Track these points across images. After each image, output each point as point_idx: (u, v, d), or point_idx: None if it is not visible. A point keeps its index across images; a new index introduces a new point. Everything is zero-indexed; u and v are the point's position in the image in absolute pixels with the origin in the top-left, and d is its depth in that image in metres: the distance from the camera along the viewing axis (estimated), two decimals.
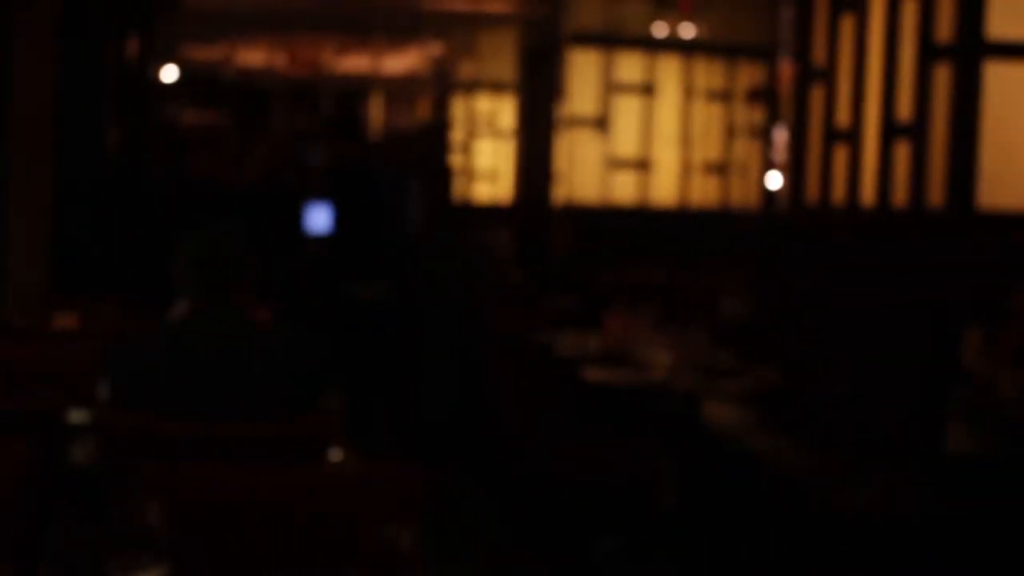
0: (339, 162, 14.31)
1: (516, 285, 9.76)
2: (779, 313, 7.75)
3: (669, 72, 15.25)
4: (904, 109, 6.88)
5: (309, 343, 3.74)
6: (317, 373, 3.73)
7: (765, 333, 7.72)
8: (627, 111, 15.06)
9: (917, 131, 6.69)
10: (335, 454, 3.62)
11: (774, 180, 15.38)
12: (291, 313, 5.99)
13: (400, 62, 16.91)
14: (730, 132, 15.47)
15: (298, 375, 3.69)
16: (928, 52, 6.65)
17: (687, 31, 14.73)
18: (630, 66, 15.11)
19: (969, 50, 6.36)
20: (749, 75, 15.41)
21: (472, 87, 16.60)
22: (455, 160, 16.30)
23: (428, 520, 2.96)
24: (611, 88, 15.01)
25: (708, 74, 15.37)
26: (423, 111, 16.17)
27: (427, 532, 2.96)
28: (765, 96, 15.31)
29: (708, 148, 15.36)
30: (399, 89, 17.44)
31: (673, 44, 15.09)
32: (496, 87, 17.01)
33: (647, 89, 15.12)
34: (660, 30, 14.65)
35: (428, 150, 12.59)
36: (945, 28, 6.53)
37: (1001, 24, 6.34)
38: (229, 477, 3.06)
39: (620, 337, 6.93)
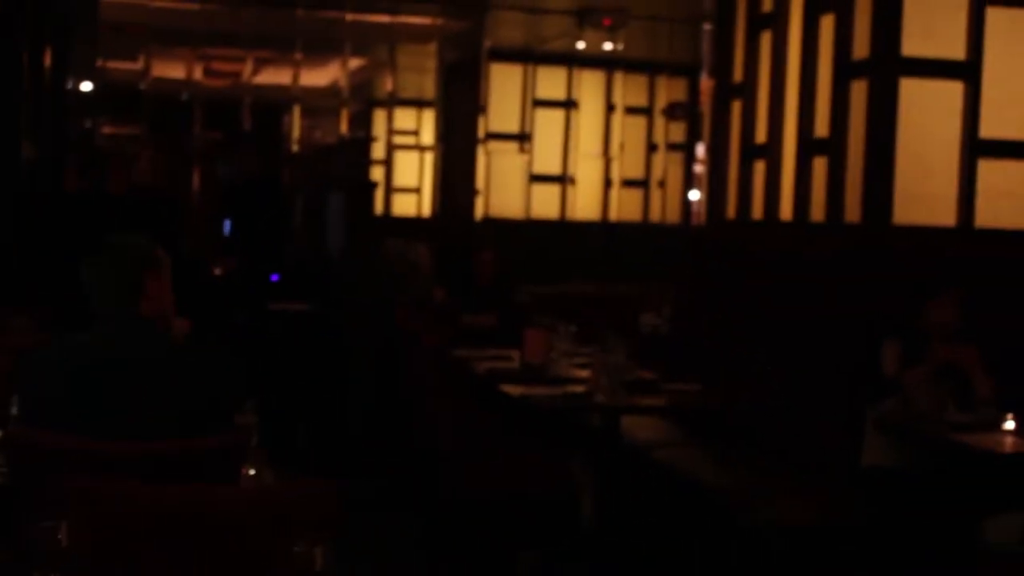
0: (258, 175, 14.23)
1: (436, 300, 9.73)
2: (698, 327, 7.78)
3: (590, 87, 15.30)
4: (821, 125, 6.95)
5: (223, 359, 3.70)
6: (232, 389, 3.69)
7: (685, 347, 7.74)
8: (548, 126, 15.09)
9: (834, 147, 6.75)
10: (250, 471, 3.58)
11: (694, 195, 15.47)
12: (207, 328, 5.92)
13: (321, 76, 16.85)
14: (651, 147, 15.54)
15: (212, 391, 3.64)
16: (845, 69, 6.72)
17: (608, 47, 14.78)
18: (551, 81, 15.14)
19: (885, 67, 6.43)
20: (670, 91, 15.49)
21: (393, 101, 16.57)
22: (376, 174, 16.25)
23: (347, 537, 2.93)
24: (532, 103, 15.04)
25: (629, 90, 15.43)
26: (344, 125, 16.11)
27: (346, 549, 2.93)
28: (685, 111, 15.39)
29: (629, 163, 15.41)
30: (320, 103, 17.37)
31: (594, 60, 15.14)
32: (417, 102, 16.99)
33: (568, 104, 15.16)
34: (581, 46, 14.70)
35: (349, 164, 12.54)
36: (861, 45, 6.60)
37: (915, 42, 6.42)
38: (142, 495, 3.02)
39: (540, 352, 6.92)
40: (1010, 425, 5.18)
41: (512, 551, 6.51)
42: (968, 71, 6.45)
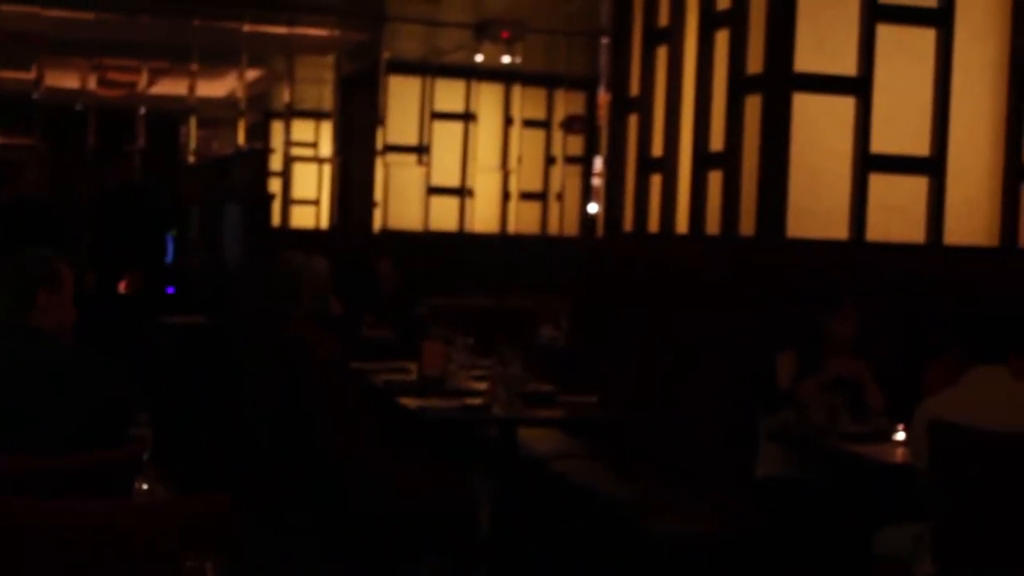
0: (152, 186, 14.07)
1: (334, 312, 9.68)
2: (596, 340, 7.81)
3: (488, 100, 15.32)
4: (716, 139, 7.02)
5: (115, 373, 3.66)
6: (124, 403, 3.65)
7: (582, 359, 7.77)
8: (446, 138, 15.10)
9: (729, 160, 6.82)
10: (144, 486, 3.54)
11: (593, 208, 15.54)
12: (100, 342, 5.84)
13: (218, 87, 16.72)
14: (549, 160, 15.59)
15: (102, 402, 3.61)
16: (739, 84, 6.79)
17: (507, 60, 14.82)
18: (450, 94, 15.15)
19: (778, 82, 6.50)
20: (568, 104, 15.55)
21: (291, 113, 16.49)
22: (274, 186, 16.14)
23: (242, 551, 2.91)
24: (431, 115, 15.04)
25: (527, 103, 15.47)
26: (241, 136, 15.99)
27: (242, 563, 2.91)
28: (583, 125, 15.46)
29: (527, 176, 15.46)
30: (217, 114, 17.23)
31: (493, 72, 15.17)
32: (315, 113, 16.92)
33: (467, 117, 15.18)
34: (480, 58, 14.72)
35: (246, 176, 12.46)
36: (755, 61, 6.68)
37: (808, 57, 6.50)
38: (31, 511, 2.98)
39: (438, 364, 6.91)
40: (901, 436, 5.25)
41: (411, 563, 6.49)
42: (859, 87, 6.55)
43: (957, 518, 4.59)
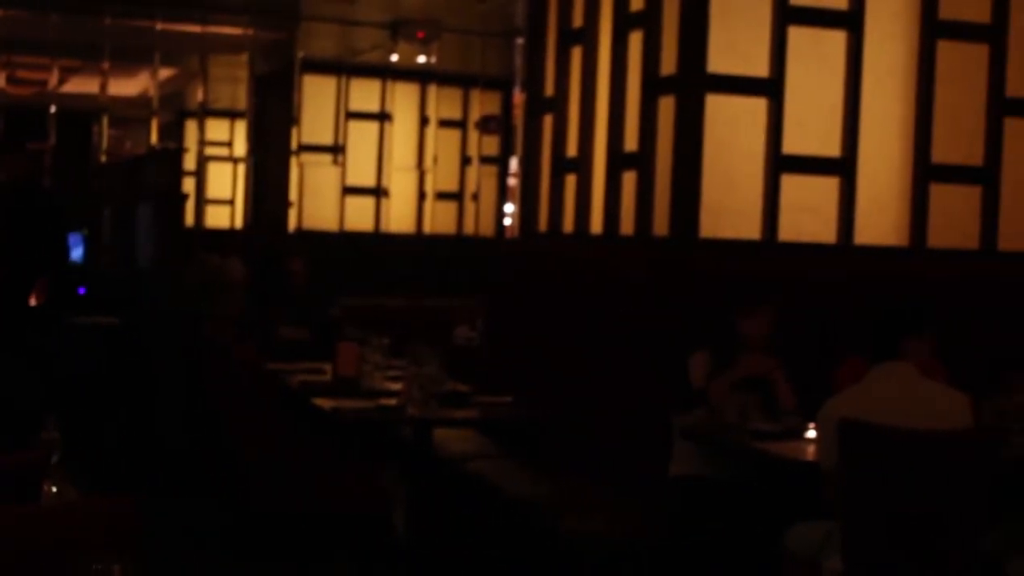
0: (64, 185, 13.91)
1: (248, 313, 9.63)
2: (511, 340, 7.82)
3: (404, 100, 15.30)
4: (630, 139, 7.04)
5: (20, 375, 3.63)
6: (30, 405, 3.61)
7: (498, 360, 7.78)
8: (362, 138, 15.06)
9: (643, 161, 6.85)
10: (53, 488, 3.50)
11: (509, 208, 15.56)
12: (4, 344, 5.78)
13: (130, 85, 16.56)
14: (465, 160, 15.60)
15: (8, 408, 3.57)
16: (653, 85, 6.83)
17: (422, 60, 14.81)
18: (365, 93, 15.11)
19: (691, 83, 6.54)
20: (484, 104, 15.57)
21: (205, 112, 16.37)
22: (188, 186, 16.01)
23: (154, 553, 2.89)
24: (346, 115, 14.99)
25: (443, 102, 15.47)
26: (154, 136, 15.85)
27: (153, 565, 2.88)
28: (498, 125, 15.48)
29: (443, 176, 15.45)
30: (129, 113, 17.07)
31: (408, 72, 15.15)
32: (230, 113, 16.80)
33: (382, 116, 15.15)
34: (395, 58, 14.69)
35: (159, 175, 12.33)
36: (669, 62, 6.71)
37: (721, 59, 6.55)
38: None
39: (352, 365, 6.89)
40: (812, 434, 5.30)
41: (324, 564, 6.48)
42: (771, 88, 6.60)
43: (865, 515, 4.65)
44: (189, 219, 14.43)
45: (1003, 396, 5.64)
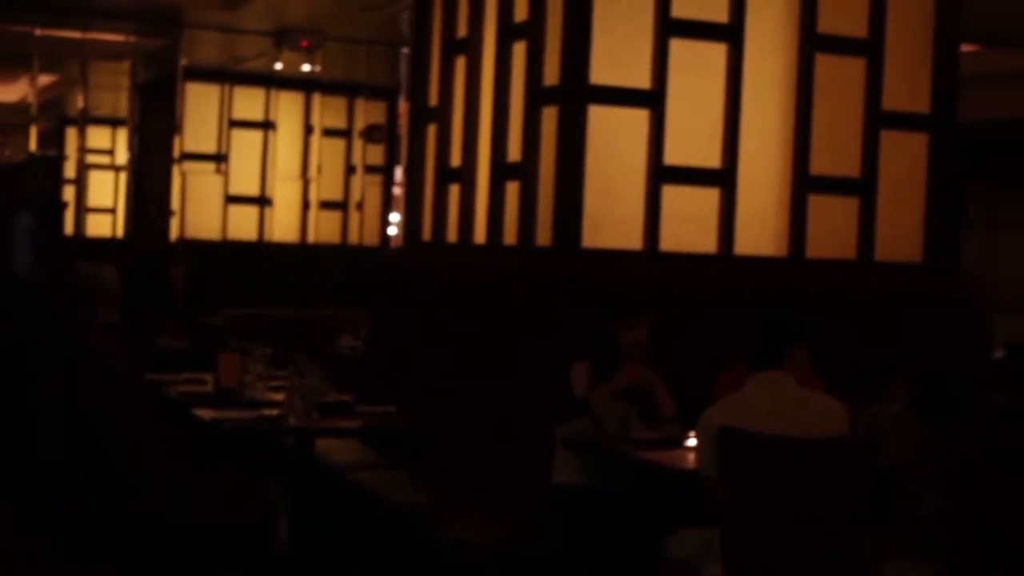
0: None
1: (128, 322, 9.52)
2: (395, 350, 7.81)
3: (288, 108, 15.24)
4: (514, 150, 7.06)
5: None
6: None
7: (381, 370, 7.76)
8: (245, 147, 14.97)
9: (526, 171, 6.87)
10: None
11: (395, 217, 15.54)
12: None
13: (8, 92, 16.31)
14: (349, 169, 15.56)
15: None
16: (536, 95, 6.85)
17: (307, 68, 14.74)
18: (249, 102, 15.03)
19: (574, 94, 6.57)
20: (369, 113, 15.54)
21: (86, 119, 16.16)
22: (68, 194, 15.78)
23: (34, 563, 2.85)
24: (229, 123, 14.89)
25: (328, 111, 15.42)
26: (33, 143, 15.61)
27: None
28: (383, 134, 15.46)
29: (327, 185, 15.40)
30: (8, 119, 16.82)
31: (293, 81, 15.08)
32: (112, 120, 16.61)
33: (266, 125, 15.06)
34: (279, 66, 14.61)
35: (38, 183, 12.13)
36: (552, 73, 6.74)
37: (604, 70, 6.59)
38: None
39: (234, 375, 6.84)
40: (692, 442, 5.35)
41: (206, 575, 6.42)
42: (653, 100, 6.65)
43: (743, 522, 4.70)
44: (69, 227, 14.22)
45: (879, 405, 5.73)
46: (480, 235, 7.36)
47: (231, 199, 14.89)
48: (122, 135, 16.33)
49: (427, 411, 6.70)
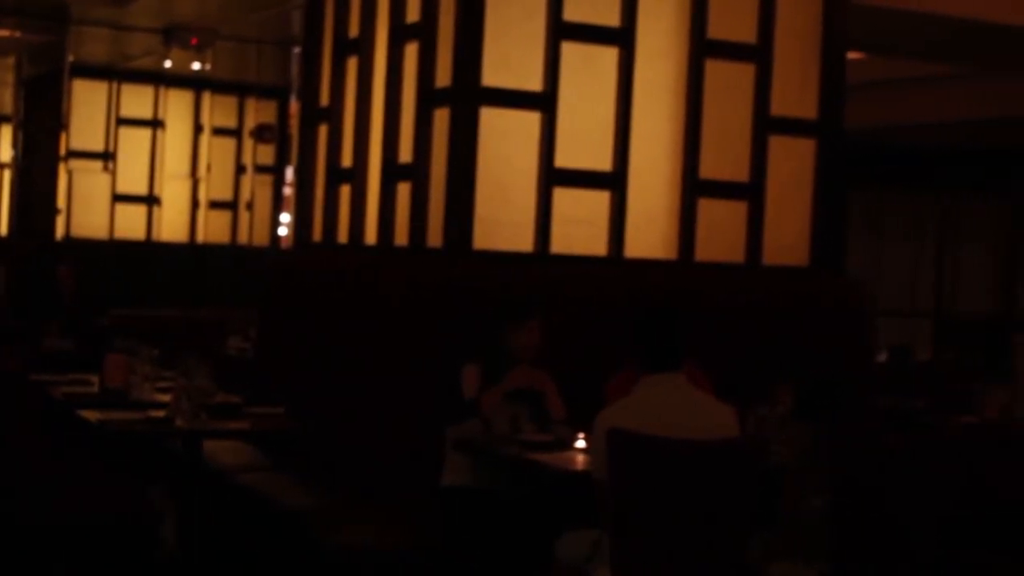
0: None
1: (12, 322, 9.38)
2: (284, 351, 7.76)
3: (177, 107, 15.10)
4: (405, 151, 7.05)
5: None
6: None
7: (270, 371, 7.71)
8: (133, 145, 14.82)
9: (417, 172, 6.86)
10: None
11: (285, 217, 15.45)
12: None
13: None
14: (239, 169, 15.45)
15: None
16: (428, 97, 6.85)
17: (197, 66, 14.60)
18: (137, 100, 14.87)
19: (466, 96, 6.58)
20: (259, 113, 15.44)
21: None
22: None
23: None
24: (117, 121, 14.73)
25: (217, 110, 15.30)
26: None
27: None
28: (274, 134, 15.37)
29: (217, 184, 15.28)
30: None
31: (182, 79, 14.94)
32: None
33: (155, 123, 14.92)
34: (168, 64, 14.46)
35: None
36: (444, 74, 6.74)
37: (496, 73, 6.60)
38: None
39: (120, 376, 6.76)
40: (582, 444, 5.38)
41: None
42: (545, 102, 6.67)
43: (632, 524, 4.73)
44: None
45: (767, 406, 5.79)
46: (371, 236, 7.34)
47: (119, 198, 14.72)
48: (6, 132, 16.09)
49: (316, 413, 6.66)
